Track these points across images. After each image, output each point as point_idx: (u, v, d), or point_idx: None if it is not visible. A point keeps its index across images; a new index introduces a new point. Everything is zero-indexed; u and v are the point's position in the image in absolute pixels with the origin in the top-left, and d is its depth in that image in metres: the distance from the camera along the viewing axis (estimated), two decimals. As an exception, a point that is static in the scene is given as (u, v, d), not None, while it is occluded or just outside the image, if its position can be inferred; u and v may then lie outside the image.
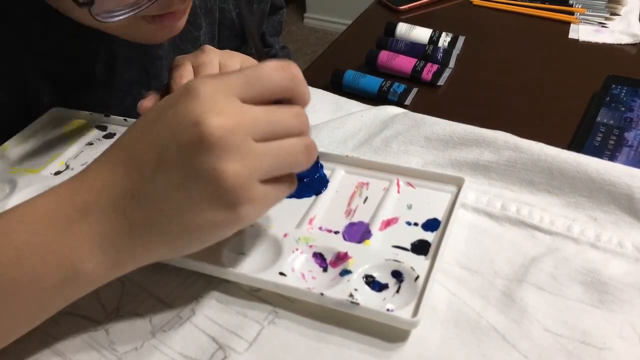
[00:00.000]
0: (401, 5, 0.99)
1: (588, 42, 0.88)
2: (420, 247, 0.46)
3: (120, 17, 0.51)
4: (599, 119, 0.67)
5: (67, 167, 0.57)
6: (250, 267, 0.45)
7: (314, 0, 2.92)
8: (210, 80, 0.38)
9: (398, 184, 0.51)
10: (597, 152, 0.61)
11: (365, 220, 0.49)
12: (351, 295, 0.42)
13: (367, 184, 0.52)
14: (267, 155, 0.38)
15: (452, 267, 0.45)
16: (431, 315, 0.42)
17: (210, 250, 0.45)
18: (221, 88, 0.37)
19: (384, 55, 0.81)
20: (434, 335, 0.41)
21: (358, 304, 0.41)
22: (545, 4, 0.96)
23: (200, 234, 0.38)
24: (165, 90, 0.56)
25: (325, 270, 0.45)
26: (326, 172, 0.54)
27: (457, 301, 0.43)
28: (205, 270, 0.45)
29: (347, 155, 0.54)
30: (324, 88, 0.74)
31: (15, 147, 0.60)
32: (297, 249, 0.46)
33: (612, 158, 0.60)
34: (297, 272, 0.44)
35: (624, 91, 0.70)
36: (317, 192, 0.51)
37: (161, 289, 0.45)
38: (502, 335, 0.40)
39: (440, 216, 0.48)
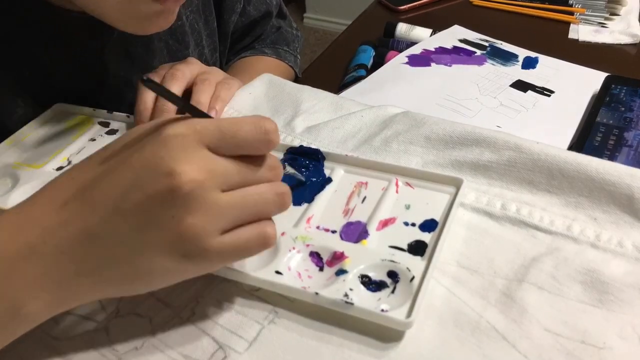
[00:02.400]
0: (401, 5, 0.99)
1: (588, 42, 0.88)
2: (417, 248, 0.46)
3: None
4: (598, 119, 0.67)
5: (70, 162, 0.58)
6: (247, 266, 0.45)
7: (313, 1, 2.92)
8: (181, 126, 0.36)
9: (397, 184, 0.51)
10: (597, 152, 0.61)
11: (363, 220, 0.49)
12: (346, 295, 0.42)
13: (366, 183, 0.52)
14: (234, 206, 0.37)
15: (452, 267, 0.45)
16: (431, 315, 0.42)
17: None
18: (192, 138, 0.36)
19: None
20: (434, 335, 0.41)
21: (352, 303, 0.41)
22: (544, 4, 0.96)
23: (150, 278, 0.37)
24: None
25: (321, 269, 0.45)
26: (326, 171, 0.54)
27: (456, 301, 0.43)
28: None
29: (346, 155, 0.54)
30: (376, 40, 0.87)
31: (18, 142, 0.61)
32: (294, 248, 0.46)
33: (611, 158, 0.60)
34: (293, 270, 0.45)
35: (624, 91, 0.70)
36: (318, 192, 0.52)
37: (161, 289, 0.45)
38: (502, 335, 0.40)
39: (438, 217, 0.48)
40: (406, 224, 0.48)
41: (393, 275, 0.44)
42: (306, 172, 0.53)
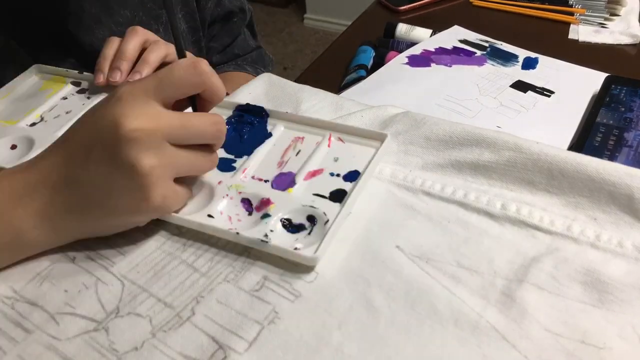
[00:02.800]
0: (401, 6, 0.99)
1: (588, 42, 0.88)
2: (337, 195, 0.50)
3: None
4: (598, 119, 0.67)
5: (42, 119, 0.63)
6: (184, 211, 0.49)
7: (313, 1, 2.92)
8: (131, 86, 0.44)
9: (330, 139, 0.56)
10: (596, 153, 0.61)
11: (294, 170, 0.53)
12: (266, 236, 0.46)
13: (302, 138, 0.57)
14: (181, 158, 0.45)
15: (452, 266, 0.45)
16: (431, 315, 0.42)
17: None
18: (139, 93, 0.43)
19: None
20: (434, 335, 0.41)
21: (267, 242, 0.45)
22: (544, 4, 0.96)
23: (121, 217, 0.46)
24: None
25: (250, 214, 0.49)
26: (268, 127, 0.58)
27: (456, 301, 0.43)
28: None
29: (287, 112, 0.58)
30: (376, 40, 0.89)
31: None
32: (227, 195, 0.51)
33: (611, 158, 0.60)
34: (225, 215, 0.49)
35: (624, 91, 0.70)
36: (257, 146, 0.56)
37: (161, 289, 0.45)
38: (502, 335, 0.40)
39: (361, 168, 0.52)
40: (332, 174, 0.52)
41: (312, 219, 0.48)
42: (251, 128, 0.58)
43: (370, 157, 0.53)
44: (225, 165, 0.54)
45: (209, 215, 0.49)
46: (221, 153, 0.55)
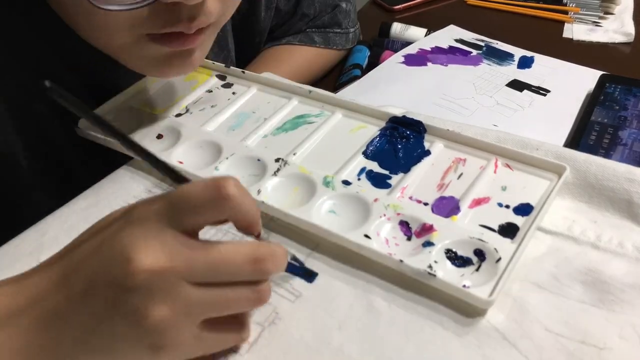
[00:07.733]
0: (395, 5, 0.99)
1: (582, 41, 0.88)
2: (508, 230, 0.45)
3: (118, 8, 0.45)
4: (593, 117, 0.67)
5: (187, 110, 0.62)
6: (338, 227, 0.46)
7: None
8: (143, 207, 0.35)
9: (496, 164, 0.51)
10: (591, 151, 0.61)
11: (457, 196, 0.49)
12: (430, 267, 0.42)
13: (464, 160, 0.52)
14: (203, 301, 0.35)
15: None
16: (431, 315, 0.42)
17: (301, 204, 0.49)
18: (152, 218, 0.34)
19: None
20: (434, 335, 0.41)
21: (435, 275, 0.42)
22: (539, 3, 0.97)
23: None
24: None
25: (409, 239, 0.46)
26: (425, 144, 0.54)
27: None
28: (291, 221, 0.47)
29: (448, 130, 0.54)
30: (370, 39, 0.89)
31: (144, 88, 0.65)
32: (384, 215, 0.47)
33: (606, 157, 0.61)
34: (381, 236, 0.46)
35: (618, 90, 0.71)
36: (415, 164, 0.52)
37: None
38: (503, 335, 0.40)
39: (534, 202, 0.47)
40: (500, 205, 0.48)
41: (479, 253, 0.44)
42: (406, 143, 0.54)
43: (544, 190, 0.48)
44: (380, 182, 0.51)
45: (366, 236, 0.45)
46: (375, 167, 0.52)
